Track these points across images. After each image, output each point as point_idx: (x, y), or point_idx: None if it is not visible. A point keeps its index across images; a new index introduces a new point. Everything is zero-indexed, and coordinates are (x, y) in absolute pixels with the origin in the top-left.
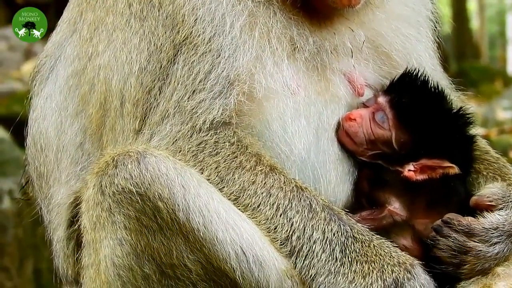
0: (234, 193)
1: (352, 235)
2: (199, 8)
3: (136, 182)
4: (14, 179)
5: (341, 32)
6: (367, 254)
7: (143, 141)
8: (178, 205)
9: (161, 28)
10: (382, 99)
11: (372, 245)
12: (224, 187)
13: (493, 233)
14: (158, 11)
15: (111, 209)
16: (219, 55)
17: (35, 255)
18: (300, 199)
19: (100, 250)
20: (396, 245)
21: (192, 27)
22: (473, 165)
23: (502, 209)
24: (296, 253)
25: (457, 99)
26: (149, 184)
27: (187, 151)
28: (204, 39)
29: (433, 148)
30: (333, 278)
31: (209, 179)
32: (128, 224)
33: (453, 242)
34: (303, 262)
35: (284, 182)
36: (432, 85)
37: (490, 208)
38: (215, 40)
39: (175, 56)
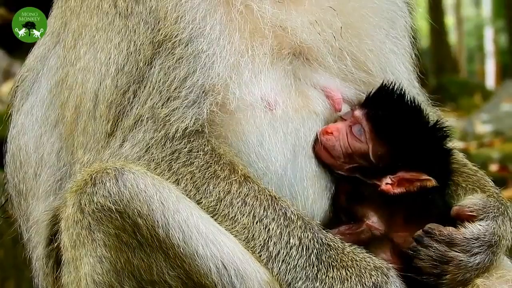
0: (212, 203)
1: (326, 243)
2: (182, 5)
3: (115, 200)
4: None
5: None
6: (343, 260)
7: (115, 147)
8: (157, 221)
9: (143, 26)
10: (359, 113)
11: (346, 252)
12: (201, 197)
13: (474, 243)
14: (142, 6)
15: (90, 227)
16: (196, 62)
17: (17, 275)
18: (275, 208)
19: (80, 267)
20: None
21: (173, 24)
22: (451, 178)
23: (482, 220)
24: (273, 258)
25: (433, 113)
26: (128, 201)
27: (161, 161)
28: (182, 40)
29: (410, 161)
30: (311, 284)
31: (185, 190)
32: (108, 242)
33: (434, 252)
34: (280, 268)
35: (259, 191)
36: (408, 98)
37: (471, 219)
38: (193, 43)
39: (152, 57)
